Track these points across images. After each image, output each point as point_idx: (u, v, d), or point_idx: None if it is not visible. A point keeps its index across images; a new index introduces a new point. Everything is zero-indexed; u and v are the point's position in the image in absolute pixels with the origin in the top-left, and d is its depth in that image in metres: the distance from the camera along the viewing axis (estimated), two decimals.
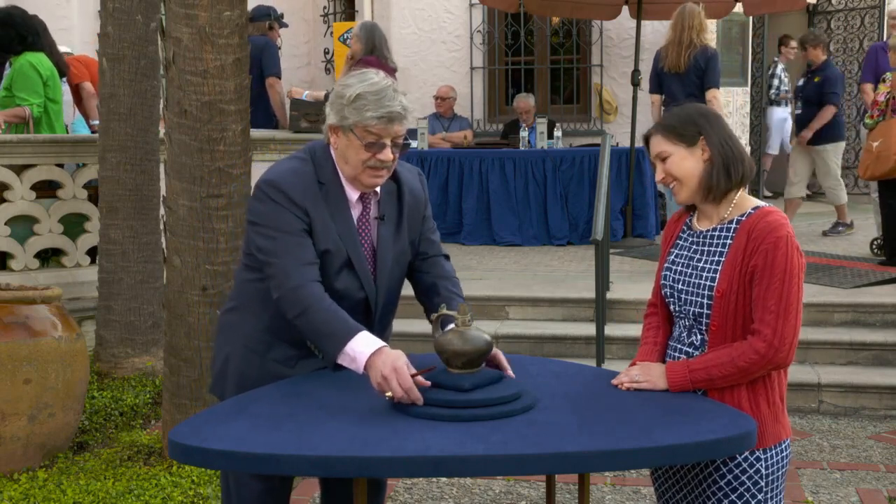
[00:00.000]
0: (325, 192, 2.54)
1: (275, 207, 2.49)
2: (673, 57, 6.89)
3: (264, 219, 2.51)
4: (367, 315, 2.61)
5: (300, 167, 2.56)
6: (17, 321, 4.13)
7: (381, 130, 2.47)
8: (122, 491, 3.86)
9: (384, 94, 2.46)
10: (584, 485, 2.44)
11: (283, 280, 2.45)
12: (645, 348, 2.51)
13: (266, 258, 2.50)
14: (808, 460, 4.45)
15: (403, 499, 4.04)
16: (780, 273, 2.24)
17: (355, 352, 2.36)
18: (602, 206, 5.53)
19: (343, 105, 2.48)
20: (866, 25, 10.67)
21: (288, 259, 2.45)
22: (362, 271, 2.58)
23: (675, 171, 2.36)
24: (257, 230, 2.52)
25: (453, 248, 8.23)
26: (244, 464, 2.09)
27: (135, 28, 5.30)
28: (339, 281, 2.54)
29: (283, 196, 2.49)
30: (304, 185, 2.52)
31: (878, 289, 5.97)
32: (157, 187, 5.45)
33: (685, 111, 2.40)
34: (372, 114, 2.45)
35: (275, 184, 2.51)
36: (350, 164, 2.52)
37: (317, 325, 2.42)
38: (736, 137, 2.40)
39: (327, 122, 2.55)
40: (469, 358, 2.29)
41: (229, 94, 3.92)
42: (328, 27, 10.79)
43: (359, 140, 2.48)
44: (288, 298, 2.44)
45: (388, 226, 2.64)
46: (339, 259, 2.54)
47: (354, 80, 2.51)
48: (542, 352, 5.61)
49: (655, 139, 2.39)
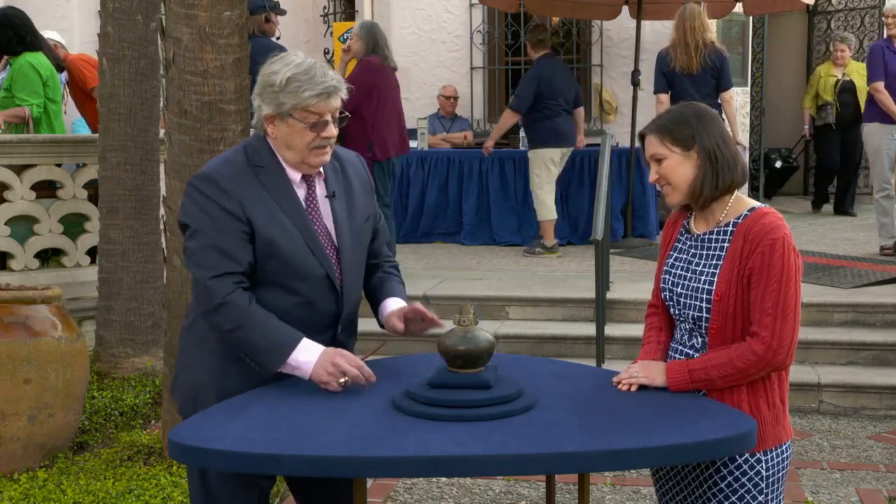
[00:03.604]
0: (263, 175, 2.48)
1: (202, 204, 2.43)
2: (684, 58, 6.86)
3: (191, 219, 2.46)
4: (334, 294, 2.56)
5: (231, 157, 2.53)
6: (17, 321, 4.13)
7: (322, 108, 2.44)
8: (122, 491, 3.86)
9: (315, 72, 2.44)
10: (584, 485, 2.44)
11: (204, 297, 2.42)
12: (648, 347, 2.51)
13: (189, 267, 2.46)
14: (808, 460, 4.45)
15: (403, 499, 4.04)
16: (778, 275, 2.24)
17: (298, 362, 2.39)
18: (602, 206, 5.53)
19: (276, 92, 2.43)
20: (866, 25, 10.67)
21: (204, 271, 2.41)
22: (317, 249, 2.51)
23: (668, 175, 2.35)
24: (187, 233, 2.48)
25: (453, 248, 8.23)
26: (244, 464, 2.09)
27: (135, 28, 5.30)
28: (296, 261, 2.48)
29: (212, 187, 2.43)
30: (235, 171, 2.47)
31: (878, 289, 5.96)
32: (157, 187, 5.45)
33: (681, 112, 2.38)
34: (309, 93, 2.41)
35: (203, 176, 2.47)
36: (294, 150, 2.48)
37: (252, 340, 2.40)
38: (731, 140, 2.37)
39: (260, 113, 2.48)
40: (470, 358, 2.29)
41: (229, 94, 3.91)
42: (328, 27, 10.78)
43: (301, 123, 2.44)
44: (215, 316, 2.41)
45: (340, 202, 2.60)
46: (292, 240, 2.47)
47: (278, 66, 2.45)
48: (542, 352, 5.61)
49: (650, 139, 2.37)
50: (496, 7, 9.18)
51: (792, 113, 11.08)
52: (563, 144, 7.61)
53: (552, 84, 7.48)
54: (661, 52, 7.10)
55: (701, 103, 2.45)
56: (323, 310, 2.54)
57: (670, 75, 6.99)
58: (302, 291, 2.50)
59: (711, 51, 6.85)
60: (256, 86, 2.50)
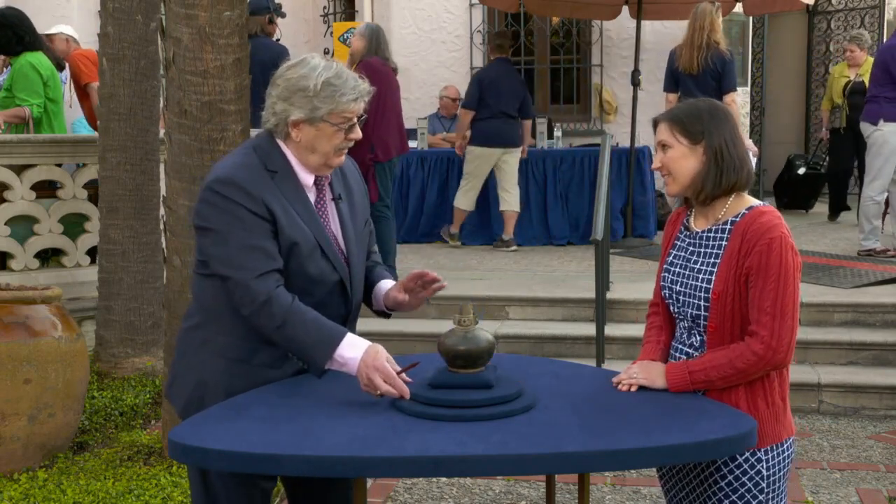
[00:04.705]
0: (277, 180, 2.47)
1: (227, 207, 2.39)
2: (686, 58, 6.87)
3: (215, 223, 2.41)
4: (344, 297, 2.56)
5: (246, 160, 2.49)
6: (17, 321, 4.13)
7: (356, 111, 2.46)
8: (122, 491, 3.86)
9: (346, 76, 2.45)
10: (584, 485, 2.44)
11: (247, 298, 2.38)
12: (648, 347, 2.51)
13: (223, 271, 2.41)
14: (808, 460, 4.45)
15: (403, 499, 4.04)
16: (776, 274, 2.24)
17: (344, 358, 2.37)
18: (602, 206, 5.53)
19: (309, 97, 2.42)
20: (866, 25, 10.67)
21: (245, 272, 2.37)
22: (332, 254, 2.51)
23: (671, 165, 2.36)
24: (209, 237, 2.43)
25: (453, 248, 8.23)
26: (244, 464, 2.09)
27: (135, 28, 5.30)
28: (311, 267, 2.47)
29: (237, 190, 2.40)
30: (256, 174, 2.44)
31: (878, 289, 5.96)
32: (157, 187, 5.45)
33: (696, 106, 2.38)
34: (348, 97, 2.43)
35: (226, 180, 2.42)
36: (319, 153, 2.47)
37: (299, 337, 2.39)
38: (741, 142, 2.36)
39: (286, 118, 2.46)
40: (470, 358, 2.29)
41: (229, 94, 3.92)
42: (328, 27, 10.79)
43: (332, 127, 2.44)
44: (259, 315, 2.38)
45: (345, 205, 2.61)
46: (309, 245, 2.47)
47: (307, 71, 2.44)
48: (542, 352, 5.61)
49: (662, 126, 2.38)
50: (496, 7, 9.18)
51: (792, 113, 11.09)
52: (495, 145, 7.88)
53: (493, 87, 7.79)
54: (672, 50, 7.10)
55: (718, 101, 2.45)
56: (332, 311, 2.53)
57: (676, 74, 6.99)
58: (315, 294, 2.50)
59: (714, 52, 6.83)
60: (278, 89, 2.47)
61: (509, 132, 7.87)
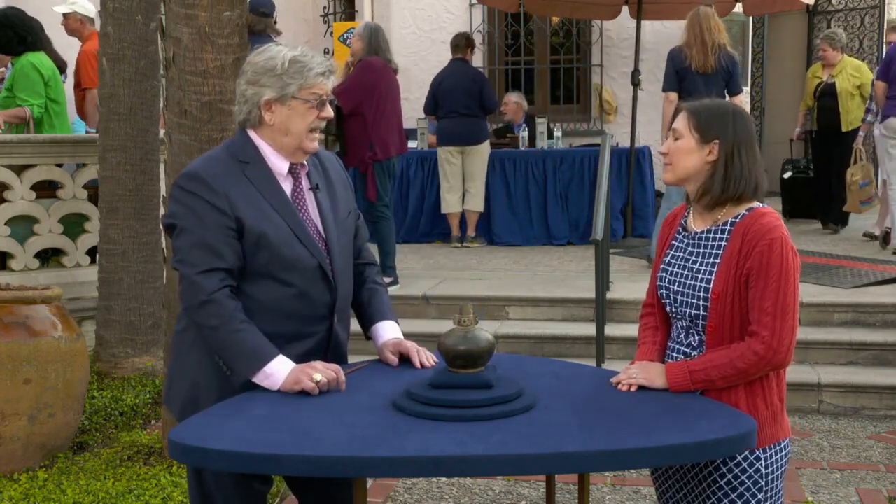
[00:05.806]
0: (249, 170, 2.51)
1: (187, 202, 2.44)
2: (700, 57, 6.84)
3: (178, 218, 2.47)
4: (327, 283, 2.58)
5: (215, 154, 2.57)
6: (17, 321, 4.13)
7: (324, 87, 2.51)
8: (122, 491, 3.86)
9: (310, 53, 2.52)
10: (584, 485, 2.44)
11: (190, 293, 2.42)
12: (644, 348, 2.51)
13: (174, 264, 2.47)
14: (808, 460, 4.45)
15: (403, 499, 4.04)
16: (776, 275, 2.24)
17: (271, 369, 2.40)
18: (602, 206, 5.53)
19: (278, 76, 2.47)
20: (866, 25, 10.67)
21: (190, 268, 2.42)
22: (307, 239, 2.53)
23: (675, 154, 2.37)
24: (174, 233, 2.48)
25: (453, 248, 8.23)
26: (244, 464, 2.09)
27: (135, 28, 5.30)
28: (287, 253, 2.50)
29: (199, 184, 2.45)
30: (222, 167, 2.49)
31: (878, 289, 5.97)
32: (157, 187, 5.45)
33: (721, 106, 2.38)
34: (315, 71, 2.49)
35: (191, 174, 2.48)
36: (293, 134, 2.51)
37: (229, 344, 2.41)
38: (756, 155, 2.35)
39: (258, 100, 2.51)
40: (470, 358, 2.29)
41: (229, 95, 3.91)
42: (328, 27, 10.79)
43: (304, 103, 2.49)
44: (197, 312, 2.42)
45: (323, 194, 2.64)
46: (281, 233, 2.49)
47: (273, 52, 2.51)
48: (542, 352, 5.61)
49: (682, 114, 2.38)
50: (496, 7, 9.19)
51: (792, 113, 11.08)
52: (452, 144, 8.09)
53: (444, 88, 8.06)
54: (674, 50, 7.04)
55: (742, 108, 2.45)
56: (317, 300, 2.56)
57: (683, 73, 6.95)
58: (295, 283, 2.52)
59: (724, 53, 6.84)
60: (246, 76, 2.53)
61: (465, 130, 8.07)
